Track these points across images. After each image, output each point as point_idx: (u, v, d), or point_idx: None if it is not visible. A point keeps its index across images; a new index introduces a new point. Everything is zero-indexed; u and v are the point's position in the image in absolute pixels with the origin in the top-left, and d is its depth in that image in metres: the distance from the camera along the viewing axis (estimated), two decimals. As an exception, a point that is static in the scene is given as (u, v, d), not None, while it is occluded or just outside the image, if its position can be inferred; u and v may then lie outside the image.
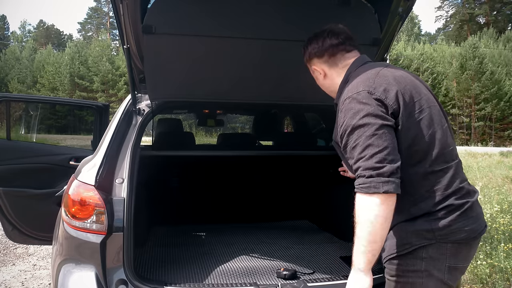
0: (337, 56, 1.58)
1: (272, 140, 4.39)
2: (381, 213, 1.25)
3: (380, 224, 1.26)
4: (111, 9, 1.86)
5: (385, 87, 1.35)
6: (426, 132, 1.36)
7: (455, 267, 1.38)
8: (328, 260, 2.34)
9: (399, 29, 2.06)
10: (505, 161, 14.56)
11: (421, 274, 1.37)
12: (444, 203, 1.35)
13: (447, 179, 1.36)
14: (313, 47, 1.61)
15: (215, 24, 1.85)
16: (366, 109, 1.30)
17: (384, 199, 1.25)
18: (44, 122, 13.65)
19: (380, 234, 1.27)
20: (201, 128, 9.59)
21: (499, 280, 3.31)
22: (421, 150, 1.35)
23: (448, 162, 1.38)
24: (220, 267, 2.18)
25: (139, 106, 2.29)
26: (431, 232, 1.34)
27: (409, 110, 1.35)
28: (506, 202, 5.57)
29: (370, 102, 1.32)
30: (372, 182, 1.25)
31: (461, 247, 1.38)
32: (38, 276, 3.80)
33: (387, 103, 1.33)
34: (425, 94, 1.43)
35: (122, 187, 1.91)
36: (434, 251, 1.35)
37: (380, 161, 1.25)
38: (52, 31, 63.81)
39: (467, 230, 1.36)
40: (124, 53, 1.93)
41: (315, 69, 1.63)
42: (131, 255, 1.84)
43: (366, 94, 1.33)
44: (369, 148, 1.27)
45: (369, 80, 1.38)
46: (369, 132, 1.28)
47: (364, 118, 1.30)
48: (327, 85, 1.64)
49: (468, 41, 37.74)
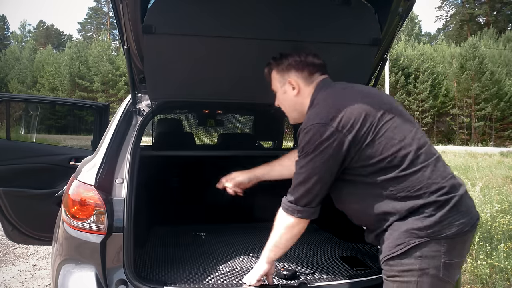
0: (315, 75, 1.61)
1: (272, 140, 4.39)
2: (289, 232, 1.56)
3: (285, 239, 1.58)
4: (111, 9, 1.86)
5: (342, 116, 1.40)
6: (396, 140, 1.41)
7: (450, 263, 1.40)
8: (328, 260, 2.34)
9: (399, 29, 2.06)
10: (505, 161, 14.57)
11: (417, 273, 1.38)
12: (429, 199, 1.38)
13: (427, 176, 1.39)
14: (295, 58, 1.61)
15: (215, 24, 1.85)
16: (314, 143, 1.40)
17: (297, 222, 1.53)
18: (44, 122, 13.65)
19: (283, 245, 1.60)
20: (201, 128, 9.59)
21: (499, 280, 3.31)
22: (395, 156, 1.40)
23: (426, 161, 1.41)
24: (220, 267, 2.18)
25: (139, 106, 2.29)
26: (423, 229, 1.37)
27: (372, 127, 1.40)
28: (506, 202, 5.57)
29: (321, 137, 1.39)
30: (290, 207, 1.51)
31: (455, 242, 1.40)
32: (38, 276, 3.80)
33: (344, 132, 1.39)
34: (386, 104, 1.47)
35: (122, 187, 1.91)
36: (428, 249, 1.37)
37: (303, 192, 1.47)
38: (52, 31, 63.82)
39: (459, 224, 1.39)
40: (124, 53, 1.93)
41: (290, 82, 1.61)
42: (131, 255, 1.84)
43: (322, 128, 1.39)
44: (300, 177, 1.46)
45: (327, 111, 1.43)
46: (306, 163, 1.43)
47: (311, 151, 1.41)
48: (297, 103, 1.63)
49: (468, 41, 37.75)
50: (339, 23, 1.93)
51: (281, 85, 1.66)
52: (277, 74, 1.66)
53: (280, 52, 1.67)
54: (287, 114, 1.72)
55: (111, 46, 45.43)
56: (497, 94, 34.62)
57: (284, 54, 1.64)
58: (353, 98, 1.46)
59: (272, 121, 3.76)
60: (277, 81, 1.67)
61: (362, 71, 2.21)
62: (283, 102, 1.69)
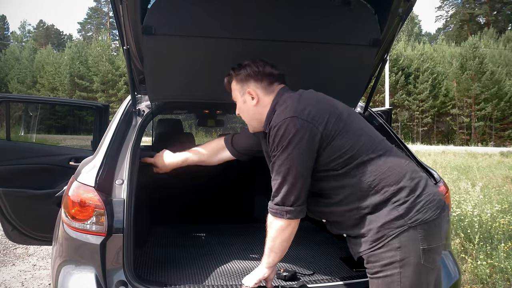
0: (274, 85, 1.65)
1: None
2: (281, 235, 1.54)
3: (279, 242, 1.57)
4: (111, 9, 1.86)
5: (310, 110, 1.47)
6: (357, 134, 1.49)
7: (429, 249, 1.43)
8: (328, 261, 2.34)
9: (399, 30, 2.05)
10: (505, 161, 14.58)
11: (398, 264, 1.41)
12: (399, 185, 1.43)
13: (389, 163, 1.47)
14: (253, 69, 1.65)
15: (215, 25, 1.85)
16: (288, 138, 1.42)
17: (287, 224, 1.52)
18: (44, 123, 13.66)
19: (279, 250, 1.59)
20: (201, 129, 9.59)
21: (499, 280, 3.31)
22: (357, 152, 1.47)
23: (385, 149, 1.51)
24: (220, 268, 2.18)
25: (139, 107, 2.29)
26: (401, 217, 1.41)
27: (338, 123, 1.48)
28: (506, 202, 5.57)
29: (295, 129, 1.42)
30: (278, 210, 1.51)
31: (430, 227, 1.43)
32: (38, 277, 3.81)
33: (314, 122, 1.44)
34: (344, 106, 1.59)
35: (122, 188, 1.91)
36: (406, 238, 1.41)
37: (287, 192, 1.47)
38: (52, 31, 63.83)
39: (431, 207, 1.43)
40: (124, 54, 1.93)
41: (250, 92, 1.65)
42: (131, 256, 1.84)
43: (293, 120, 1.43)
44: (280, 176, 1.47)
45: (295, 107, 1.48)
46: (285, 160, 1.44)
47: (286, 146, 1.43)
48: (256, 113, 1.66)
49: (468, 41, 37.77)
50: (339, 24, 1.93)
51: (240, 95, 1.70)
52: (237, 85, 1.70)
53: (239, 63, 1.70)
54: (247, 123, 1.76)
55: (111, 46, 45.45)
56: (497, 94, 34.64)
57: (242, 65, 1.68)
58: (314, 100, 1.54)
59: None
60: (237, 91, 1.71)
61: (362, 71, 2.21)
62: (243, 111, 1.73)
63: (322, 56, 2.07)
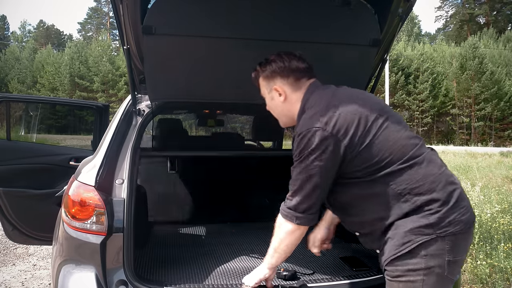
0: (302, 81, 1.58)
1: (272, 140, 4.39)
2: (289, 238, 1.53)
3: (285, 245, 1.55)
4: (111, 9, 1.86)
5: (337, 119, 1.39)
6: (390, 142, 1.41)
7: (454, 261, 1.40)
8: (328, 260, 2.34)
9: (399, 30, 2.06)
10: (505, 161, 14.57)
11: (423, 272, 1.38)
12: (432, 195, 1.38)
13: (422, 170, 1.41)
14: (278, 65, 1.57)
15: (215, 25, 1.85)
16: (309, 149, 1.39)
17: (295, 229, 1.50)
18: (44, 122, 13.63)
19: (283, 251, 1.57)
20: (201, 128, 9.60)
21: (499, 280, 3.31)
22: (390, 159, 1.41)
23: (419, 155, 1.43)
24: (220, 267, 2.18)
25: (139, 107, 2.29)
26: (429, 226, 1.37)
27: (366, 131, 1.40)
28: (506, 202, 5.57)
29: (317, 142, 1.38)
30: (289, 213, 1.49)
31: (458, 240, 1.40)
32: (38, 276, 3.81)
33: (339, 137, 1.38)
34: (378, 107, 1.47)
35: (122, 188, 1.91)
36: (434, 247, 1.37)
37: (302, 198, 1.45)
38: (52, 31, 63.81)
39: (463, 219, 1.40)
40: (124, 54, 1.93)
41: (276, 89, 1.58)
42: (131, 255, 1.84)
43: (317, 132, 1.38)
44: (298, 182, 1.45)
45: (322, 114, 1.42)
46: (305, 168, 1.41)
47: (306, 155, 1.40)
48: (284, 109, 1.61)
49: (468, 41, 37.76)
50: (339, 24, 1.93)
51: (268, 92, 1.64)
52: (263, 81, 1.64)
53: (265, 58, 1.63)
54: (277, 118, 1.71)
55: (111, 46, 45.41)
56: (497, 94, 34.62)
57: (268, 60, 1.61)
58: (345, 102, 1.45)
59: (272, 121, 3.76)
60: (264, 88, 1.65)
61: (362, 71, 2.21)
62: (272, 108, 1.68)
63: (322, 56, 2.07)
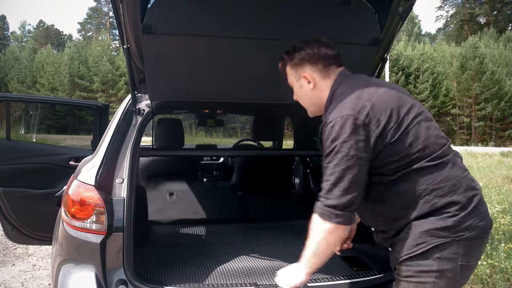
0: (331, 68, 1.54)
1: (272, 140, 4.38)
2: (326, 239, 1.40)
3: (324, 247, 1.42)
4: (111, 9, 1.86)
5: (370, 109, 1.36)
6: (420, 138, 1.38)
7: (467, 266, 1.39)
8: (329, 260, 2.33)
9: (399, 29, 2.05)
10: (505, 161, 14.55)
11: (434, 274, 1.36)
12: (453, 198, 1.36)
13: (446, 172, 1.38)
14: (307, 52, 1.53)
15: (215, 24, 1.85)
16: (344, 137, 1.33)
17: (334, 228, 1.37)
18: (44, 122, 13.63)
19: (322, 254, 1.43)
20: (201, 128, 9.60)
21: (500, 281, 3.31)
22: (418, 155, 1.38)
23: (445, 156, 1.40)
24: (220, 267, 2.18)
25: (139, 106, 2.29)
26: (447, 229, 1.35)
27: (397, 124, 1.37)
28: (507, 202, 5.56)
29: (350, 129, 1.33)
30: (327, 211, 1.37)
31: (472, 245, 1.39)
32: (38, 277, 3.80)
33: (370, 127, 1.35)
34: (411, 102, 1.44)
35: (122, 187, 1.91)
36: (448, 250, 1.35)
37: (340, 193, 1.34)
38: (52, 31, 63.79)
39: (480, 226, 1.38)
40: (124, 53, 1.93)
41: (305, 76, 1.54)
42: (131, 255, 1.84)
43: (348, 120, 1.34)
44: (335, 176, 1.35)
45: (354, 103, 1.37)
46: (340, 160, 1.33)
47: (340, 145, 1.33)
48: (313, 97, 1.56)
49: (469, 41, 37.72)
50: (339, 23, 1.93)
51: (296, 80, 1.58)
52: (291, 69, 1.58)
53: (293, 45, 1.58)
54: (306, 107, 1.64)
55: (111, 46, 45.40)
56: (497, 94, 34.58)
57: (296, 48, 1.56)
58: (378, 93, 1.41)
59: (272, 121, 3.76)
60: (292, 76, 1.60)
61: (362, 71, 2.19)
62: (300, 97, 1.61)
63: None
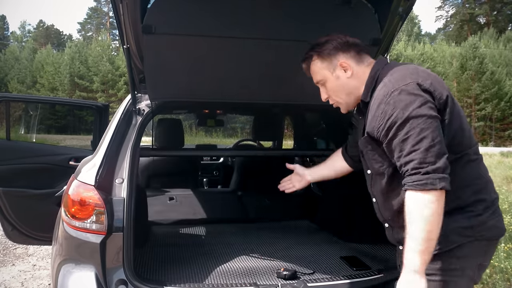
0: (363, 55, 1.52)
1: (272, 140, 4.39)
2: (436, 210, 1.23)
3: (437, 221, 1.24)
4: (111, 9, 1.86)
5: (431, 81, 1.32)
6: (463, 126, 1.37)
7: (484, 265, 1.40)
8: (328, 260, 2.34)
9: (399, 29, 2.05)
10: (505, 161, 14.55)
11: (456, 273, 1.36)
12: (480, 196, 1.36)
13: (480, 169, 1.39)
14: (338, 41, 1.51)
15: (215, 24, 1.85)
16: (419, 100, 1.26)
17: (439, 195, 1.24)
18: (44, 122, 13.64)
19: (436, 231, 1.24)
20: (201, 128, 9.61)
21: (499, 281, 3.31)
22: (462, 142, 1.36)
23: (478, 154, 1.41)
24: (220, 267, 2.18)
25: (139, 106, 2.29)
26: (470, 229, 1.34)
27: (450, 104, 1.34)
28: (507, 202, 5.57)
29: (421, 93, 1.27)
30: (429, 178, 1.23)
31: (490, 245, 1.40)
32: (38, 276, 3.80)
33: (435, 95, 1.30)
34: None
35: (122, 187, 1.91)
36: (470, 249, 1.35)
37: (436, 155, 1.23)
38: (52, 31, 63.77)
39: (499, 227, 1.39)
40: (124, 53, 1.93)
41: (342, 64, 1.49)
42: (131, 255, 1.84)
43: (416, 85, 1.29)
44: (424, 141, 1.23)
45: (414, 74, 1.33)
46: (423, 124, 1.24)
47: (418, 109, 1.25)
48: (351, 87, 1.50)
49: (468, 41, 37.72)
50: (339, 23, 1.93)
51: (331, 72, 1.51)
52: (323, 62, 1.52)
53: (315, 42, 1.55)
54: (342, 102, 1.56)
55: (111, 46, 45.39)
56: (497, 94, 34.59)
57: (321, 42, 1.53)
58: (432, 74, 1.38)
59: (272, 121, 3.77)
60: (324, 70, 1.52)
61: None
62: (336, 90, 1.53)
63: None
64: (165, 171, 3.99)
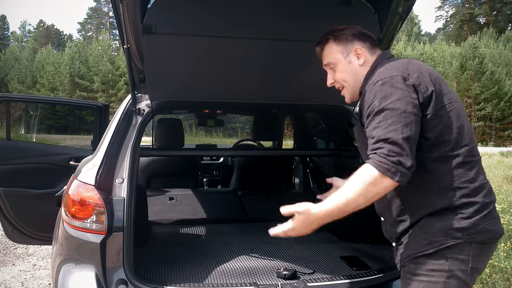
0: (375, 49, 1.55)
1: (272, 140, 4.39)
2: (377, 194, 1.26)
3: (367, 201, 1.27)
4: (111, 9, 1.87)
5: (418, 75, 1.34)
6: (455, 124, 1.36)
7: (476, 269, 1.39)
8: (328, 260, 2.34)
9: (399, 29, 2.06)
10: (505, 161, 14.55)
11: (445, 274, 1.36)
12: (472, 199, 1.35)
13: (473, 172, 1.37)
14: (357, 30, 1.54)
15: (215, 24, 1.85)
16: (398, 94, 1.29)
17: (390, 186, 1.26)
18: (44, 122, 13.64)
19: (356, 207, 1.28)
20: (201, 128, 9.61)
21: (499, 280, 3.31)
22: (451, 141, 1.36)
23: (474, 156, 1.39)
24: (220, 267, 2.18)
25: (139, 106, 2.29)
26: (460, 230, 1.34)
27: (440, 100, 1.35)
28: (506, 202, 5.57)
29: (403, 87, 1.30)
30: (394, 167, 1.23)
31: (483, 248, 1.38)
32: (38, 276, 3.80)
33: (419, 89, 1.32)
34: (451, 90, 1.43)
35: (122, 187, 1.91)
36: (460, 251, 1.35)
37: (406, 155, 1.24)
38: (52, 31, 63.79)
39: (492, 230, 1.38)
40: (124, 53, 1.93)
41: (357, 50, 1.52)
42: (131, 255, 1.84)
43: (400, 79, 1.32)
44: (392, 133, 1.25)
45: (403, 67, 1.36)
46: (396, 117, 1.27)
47: (395, 102, 1.28)
48: (359, 75, 1.53)
49: (468, 41, 37.74)
50: (339, 23, 1.93)
51: (344, 56, 1.54)
52: (339, 45, 1.54)
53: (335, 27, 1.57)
54: (348, 87, 1.57)
55: (111, 46, 45.42)
56: (497, 94, 34.61)
57: (342, 27, 1.56)
58: (423, 67, 1.40)
59: (272, 121, 3.77)
60: (338, 53, 1.54)
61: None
62: (345, 75, 1.55)
63: None
64: (165, 171, 3.99)
